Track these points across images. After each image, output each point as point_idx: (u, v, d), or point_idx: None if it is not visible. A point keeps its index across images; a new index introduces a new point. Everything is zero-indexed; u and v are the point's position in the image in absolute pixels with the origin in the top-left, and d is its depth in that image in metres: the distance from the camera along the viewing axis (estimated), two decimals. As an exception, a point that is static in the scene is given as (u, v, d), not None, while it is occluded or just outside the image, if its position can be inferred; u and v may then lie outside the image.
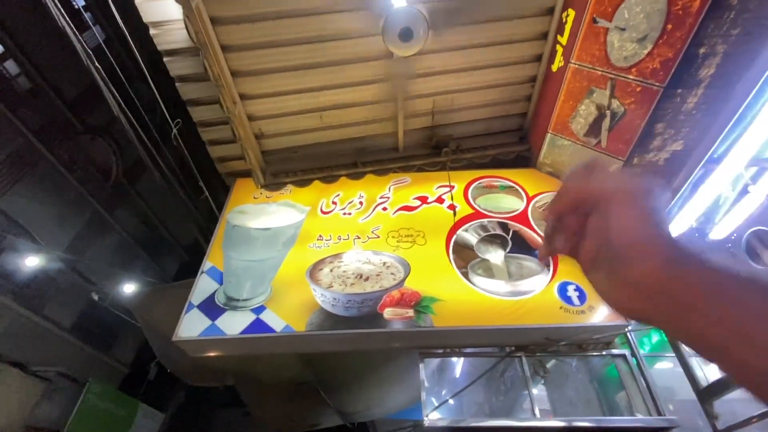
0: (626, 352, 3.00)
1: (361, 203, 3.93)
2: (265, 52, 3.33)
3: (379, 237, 3.60)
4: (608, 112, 3.27)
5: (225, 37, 3.17)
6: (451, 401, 3.29)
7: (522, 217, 3.65)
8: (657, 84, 2.90)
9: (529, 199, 3.81)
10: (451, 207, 3.79)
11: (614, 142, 3.38)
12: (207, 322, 3.01)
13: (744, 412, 2.13)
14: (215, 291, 3.22)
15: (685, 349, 2.54)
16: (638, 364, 2.91)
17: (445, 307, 3.02)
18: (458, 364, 3.99)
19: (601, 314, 2.89)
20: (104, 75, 3.58)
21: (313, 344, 3.08)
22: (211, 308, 3.10)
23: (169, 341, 3.00)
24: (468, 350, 3.42)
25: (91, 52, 3.45)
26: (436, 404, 3.06)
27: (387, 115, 3.99)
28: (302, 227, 3.68)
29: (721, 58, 2.71)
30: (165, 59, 3.30)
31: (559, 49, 3.42)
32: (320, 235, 3.60)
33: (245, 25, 3.14)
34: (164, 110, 3.77)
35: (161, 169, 4.88)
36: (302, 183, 3.99)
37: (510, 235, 3.52)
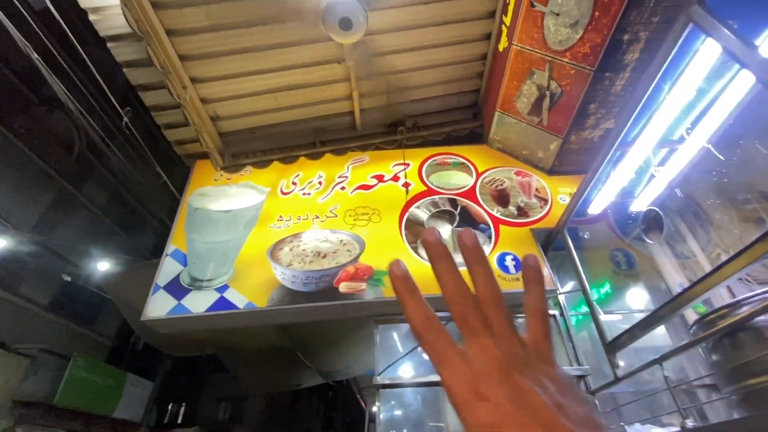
0: (557, 312, 3.38)
1: (320, 183, 4.08)
2: (214, 35, 3.32)
3: (336, 216, 3.80)
4: (548, 93, 3.45)
5: (170, 21, 3.14)
6: (407, 362, 3.68)
7: (470, 193, 3.89)
8: (588, 67, 3.08)
9: (478, 175, 4.04)
10: (406, 185, 3.99)
11: (554, 120, 3.59)
12: (173, 302, 3.22)
13: (636, 363, 2.54)
14: (180, 272, 3.41)
15: (598, 309, 2.91)
16: (565, 323, 3.31)
17: (396, 279, 3.30)
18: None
19: (535, 281, 3.23)
20: (52, 40, 3.45)
21: (276, 318, 3.35)
22: (176, 289, 3.30)
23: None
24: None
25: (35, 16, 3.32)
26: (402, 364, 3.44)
27: (343, 94, 4.06)
28: (263, 208, 3.84)
29: (644, 44, 2.90)
30: (108, 45, 3.25)
31: (504, 30, 3.52)
32: (280, 216, 3.78)
33: (190, 8, 3.11)
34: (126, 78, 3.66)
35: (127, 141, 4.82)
36: (262, 164, 4.10)
37: (458, 211, 3.77)
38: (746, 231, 3.25)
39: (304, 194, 3.99)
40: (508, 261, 3.34)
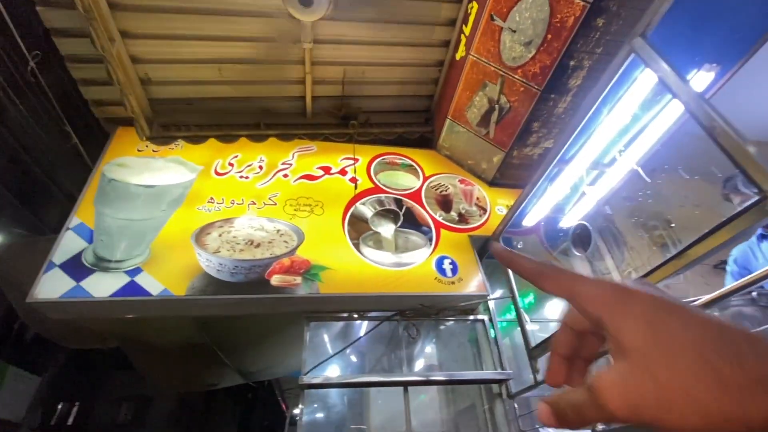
0: (485, 317, 3.49)
1: (261, 167, 3.82)
2: (153, -13, 2.96)
3: (276, 204, 3.57)
4: (497, 106, 3.58)
5: (99, -41, 2.73)
6: (334, 363, 3.54)
7: (416, 195, 3.89)
8: (536, 87, 3.24)
9: (425, 179, 4.07)
10: (353, 180, 3.89)
11: (500, 134, 3.73)
12: (70, 283, 2.77)
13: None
14: (83, 250, 2.95)
15: (525, 316, 3.04)
16: (492, 328, 3.42)
17: (334, 275, 3.17)
18: (361, 328, 4.27)
19: (469, 285, 3.30)
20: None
21: (195, 309, 3.04)
22: (76, 268, 2.85)
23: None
24: (355, 315, 3.66)
25: None
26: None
27: (296, 77, 3.85)
28: (192, 187, 3.49)
29: (586, 71, 3.11)
30: (17, -28, 2.74)
31: (463, 39, 3.59)
32: (211, 198, 3.46)
33: (125, -51, 2.73)
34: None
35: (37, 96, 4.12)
36: (196, 139, 3.73)
37: (403, 211, 3.75)
38: (653, 255, 3.63)
39: (241, 177, 3.70)
40: (446, 264, 3.38)
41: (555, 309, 4.13)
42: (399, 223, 3.65)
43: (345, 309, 3.37)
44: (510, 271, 3.19)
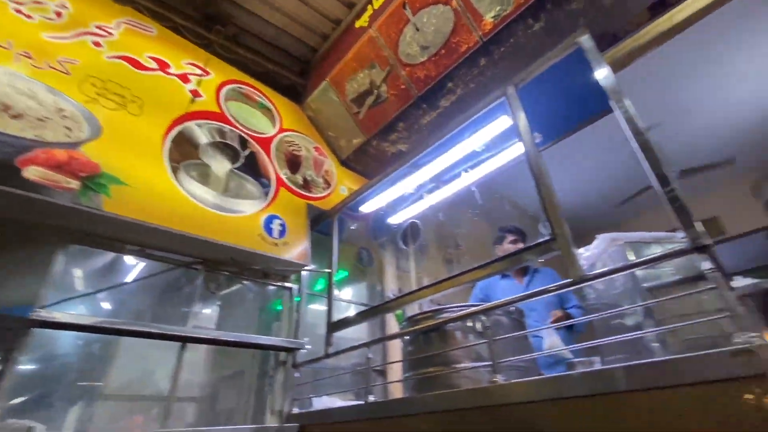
0: (295, 286, 3.42)
1: (59, 14, 2.64)
2: None
3: (69, 74, 2.52)
4: (376, 92, 3.62)
5: None
6: (80, 305, 2.74)
7: (265, 143, 3.50)
8: (415, 90, 3.43)
9: (281, 130, 3.71)
10: (195, 93, 3.16)
11: (369, 119, 3.78)
12: None
13: (345, 344, 2.83)
14: None
15: (336, 292, 3.13)
16: (299, 298, 3.38)
17: (130, 193, 2.45)
18: (135, 269, 3.42)
19: (292, 251, 3.15)
20: None
21: None
22: None
23: None
24: (137, 250, 2.95)
25: None
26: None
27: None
28: None
29: (456, 97, 3.50)
30: None
31: (369, 10, 3.49)
32: (-54, 13, 2.14)
33: None
34: None
35: None
36: None
37: (246, 153, 3.29)
38: (442, 268, 4.40)
39: (17, 11, 2.46)
40: (276, 224, 3.14)
41: (360, 291, 4.41)
42: (237, 164, 3.18)
43: (129, 240, 2.67)
44: (336, 248, 3.24)
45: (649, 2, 2.74)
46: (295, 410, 2.85)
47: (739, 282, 2.03)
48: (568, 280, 1.65)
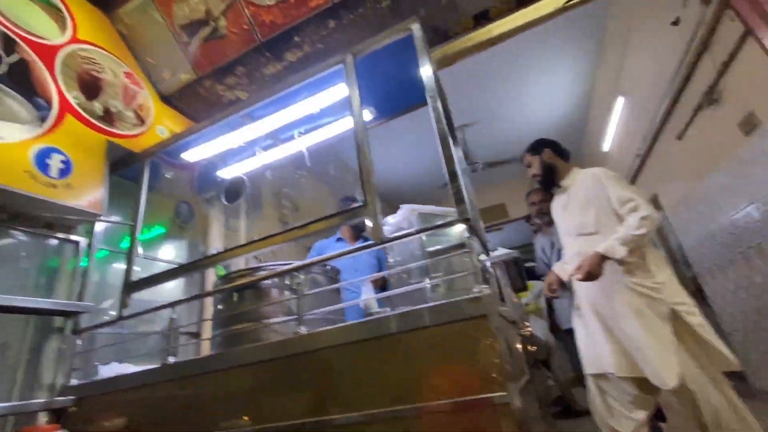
0: (83, 240, 2.81)
1: None
2: None
3: None
4: (213, 24, 3.17)
5: None
6: None
7: (48, 53, 2.64)
8: (259, 35, 3.15)
9: (74, 40, 2.87)
10: None
11: (203, 54, 3.30)
12: None
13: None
14: None
15: (139, 250, 2.71)
16: (88, 256, 2.80)
17: None
18: None
19: (79, 197, 2.55)
20: None
21: None
22: None
23: None
24: None
25: None
26: None
27: None
28: None
29: (301, 55, 3.36)
30: None
31: (212, -77, 2.97)
32: None
33: None
34: None
35: None
36: None
37: (13, 60, 2.43)
38: (277, 229, 4.33)
39: None
40: (54, 160, 2.47)
41: (177, 249, 3.95)
42: (-8, 71, 2.32)
43: None
44: (143, 198, 2.78)
45: (474, 12, 3.18)
46: (74, 381, 2.42)
47: (498, 252, 2.67)
48: (373, 241, 1.87)
